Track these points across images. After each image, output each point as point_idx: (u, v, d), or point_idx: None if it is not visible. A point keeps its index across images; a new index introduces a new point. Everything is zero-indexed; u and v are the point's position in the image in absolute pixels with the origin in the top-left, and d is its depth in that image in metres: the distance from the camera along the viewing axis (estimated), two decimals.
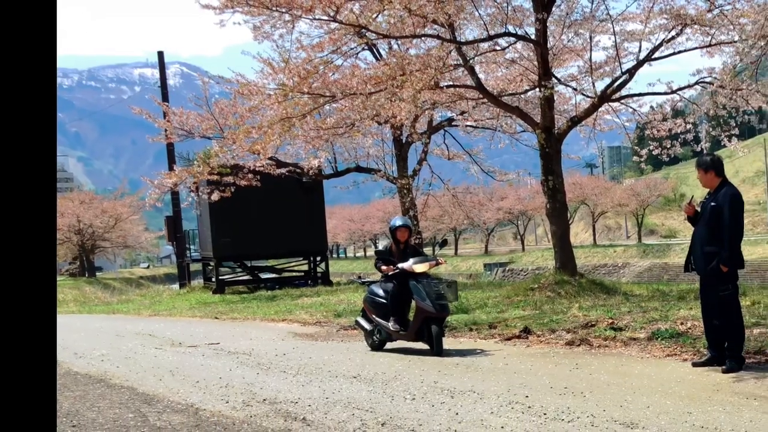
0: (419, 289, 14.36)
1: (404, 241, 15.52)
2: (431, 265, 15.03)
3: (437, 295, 14.28)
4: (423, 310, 14.26)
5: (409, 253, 15.30)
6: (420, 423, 8.86)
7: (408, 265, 14.67)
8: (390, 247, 15.67)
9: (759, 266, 62.39)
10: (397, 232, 15.53)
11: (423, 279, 14.60)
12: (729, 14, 20.61)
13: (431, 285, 14.50)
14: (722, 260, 10.84)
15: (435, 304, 14.13)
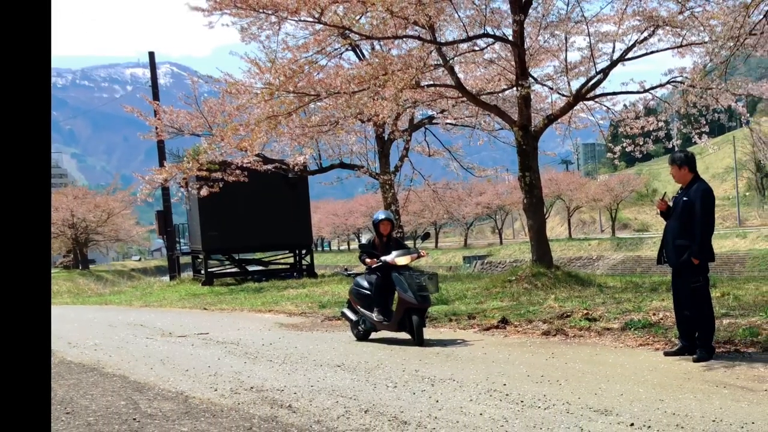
0: (401, 281, 14.29)
1: (387, 234, 15.51)
2: (413, 258, 14.94)
3: (418, 286, 14.21)
4: (405, 302, 14.19)
5: (392, 246, 15.29)
6: (401, 410, 8.88)
7: (391, 257, 14.63)
8: (373, 241, 15.66)
9: (728, 259, 62.55)
10: (380, 225, 15.48)
11: (405, 271, 14.53)
12: (699, 16, 20.71)
13: (413, 277, 14.40)
14: (693, 253, 10.90)
15: (416, 295, 14.08)
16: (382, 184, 34.35)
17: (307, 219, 44.12)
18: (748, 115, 24.55)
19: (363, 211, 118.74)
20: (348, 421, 8.48)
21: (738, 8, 17.14)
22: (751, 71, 39.75)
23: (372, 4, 18.93)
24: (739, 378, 9.70)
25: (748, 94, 23.80)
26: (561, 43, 24.31)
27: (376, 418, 8.54)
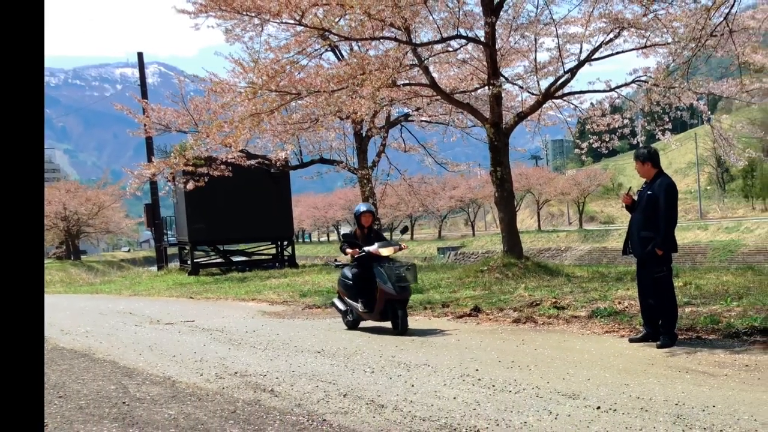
0: (381, 272, 14.04)
1: (368, 226, 15.33)
2: (395, 250, 14.71)
3: (398, 277, 13.94)
4: (384, 293, 13.95)
5: (373, 237, 15.10)
6: (379, 394, 8.90)
7: (374, 248, 14.41)
8: (355, 232, 15.51)
9: (690, 250, 62.83)
10: (362, 217, 15.27)
11: (386, 262, 14.29)
12: (663, 18, 20.80)
13: (392, 268, 14.13)
14: (657, 244, 10.95)
15: (395, 286, 13.86)
16: (360, 179, 34.84)
17: (289, 212, 44.34)
18: (709, 113, 24.61)
19: (342, 205, 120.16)
20: (327, 404, 8.50)
21: (699, 11, 17.17)
22: (712, 71, 39.82)
23: (350, 7, 18.99)
24: (700, 363, 9.73)
25: (709, 92, 23.81)
26: (531, 44, 24.37)
27: (354, 402, 8.56)
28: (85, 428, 7.91)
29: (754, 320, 11.63)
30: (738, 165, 30.09)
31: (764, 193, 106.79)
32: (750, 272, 19.77)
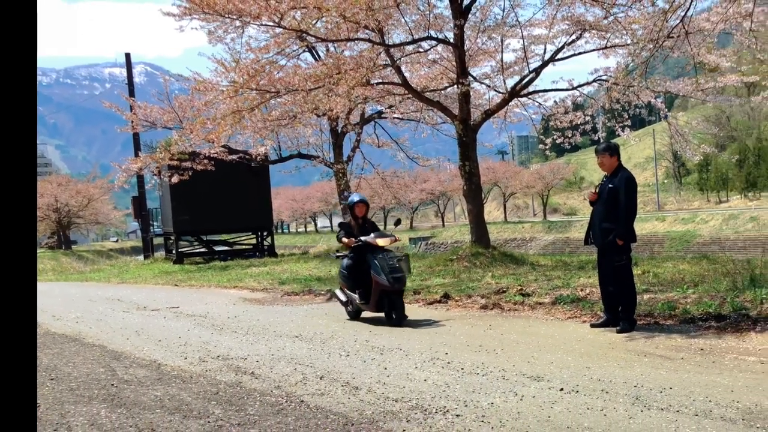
0: (376, 263, 13.34)
1: (362, 216, 14.55)
2: (391, 241, 13.94)
3: (392, 269, 13.22)
4: (379, 284, 13.24)
5: (368, 228, 14.42)
6: (353, 376, 8.92)
7: (371, 238, 13.75)
8: (349, 222, 14.57)
9: (649, 240, 62.94)
10: (356, 207, 14.48)
11: (380, 253, 13.55)
12: (622, 20, 20.91)
13: (386, 259, 13.42)
14: (618, 235, 10.99)
15: (389, 278, 13.08)
16: (336, 173, 34.99)
17: (268, 204, 44.80)
18: (666, 110, 24.72)
19: (319, 197, 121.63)
20: (305, 386, 8.51)
21: (657, 14, 17.19)
22: (669, 70, 40.10)
23: (327, 10, 19.22)
24: (658, 347, 9.75)
25: (666, 91, 23.99)
26: (497, 45, 24.50)
27: (330, 384, 8.57)
28: (75, 409, 7.92)
29: (709, 306, 11.67)
30: (693, 159, 30.29)
31: (718, 186, 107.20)
32: (705, 261, 19.86)
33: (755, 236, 59.33)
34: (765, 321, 10.40)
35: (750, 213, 67.26)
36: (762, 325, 10.28)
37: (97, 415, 7.64)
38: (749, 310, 11.07)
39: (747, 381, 7.77)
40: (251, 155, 33.35)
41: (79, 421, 7.42)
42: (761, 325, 10.31)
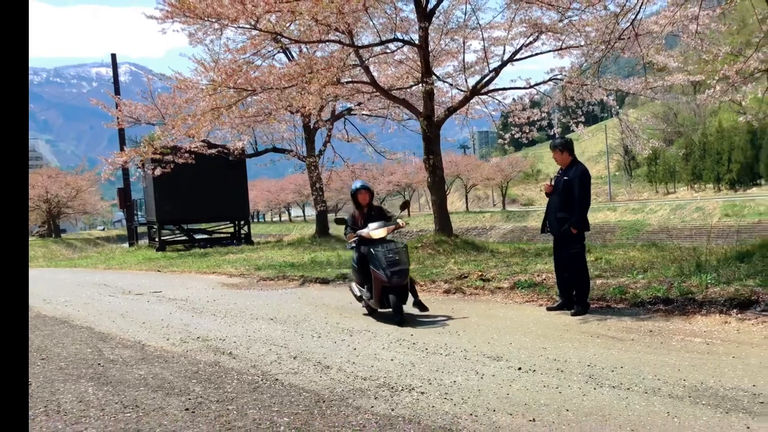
0: (374, 256, 11.71)
1: (367, 204, 12.59)
2: (390, 230, 12.17)
3: (389, 262, 11.55)
4: (378, 280, 11.63)
5: (375, 216, 12.48)
6: (325, 356, 8.97)
7: (365, 231, 12.06)
8: (353, 214, 12.73)
9: (601, 229, 62.97)
10: (358, 195, 12.59)
11: (379, 245, 11.82)
12: (577, 23, 20.98)
13: (384, 252, 11.69)
14: (572, 224, 11.06)
15: (386, 272, 11.47)
16: (309, 166, 35.98)
17: (245, 195, 44.93)
18: (617, 107, 24.85)
19: (292, 189, 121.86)
20: (280, 365, 8.55)
21: (609, 17, 17.30)
22: (620, 70, 40.46)
23: (300, 14, 19.29)
24: (610, 329, 9.82)
25: (618, 89, 24.19)
26: (459, 47, 24.57)
27: (303, 363, 8.61)
28: (64, 387, 7.93)
29: (658, 291, 11.70)
30: (643, 153, 30.56)
31: (666, 178, 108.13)
32: (654, 248, 19.93)
33: (701, 225, 59.61)
34: (710, 304, 10.46)
35: (696, 204, 67.58)
36: (707, 309, 10.34)
37: (85, 392, 7.65)
38: (695, 295, 11.11)
39: (693, 361, 7.82)
40: (229, 149, 33.71)
41: (67, 398, 7.43)
42: (706, 308, 10.37)
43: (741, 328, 9.33)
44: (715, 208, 63.32)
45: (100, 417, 6.68)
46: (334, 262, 22.12)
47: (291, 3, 19.50)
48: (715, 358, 7.87)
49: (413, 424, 6.11)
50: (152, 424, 6.32)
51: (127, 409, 6.91)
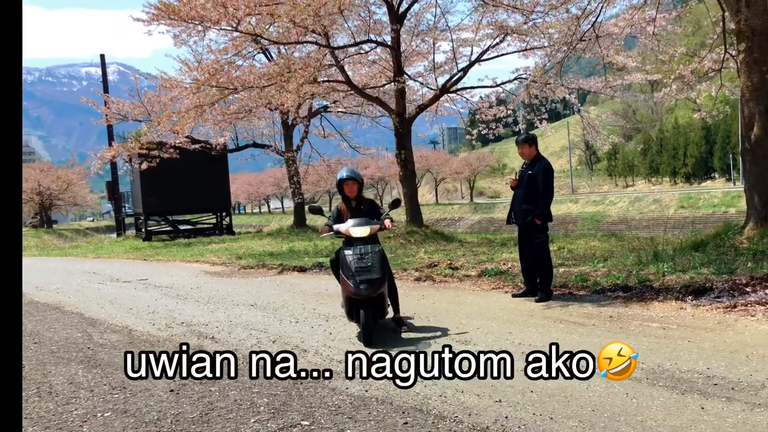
0: (343, 260, 9.22)
1: (355, 197, 9.88)
2: (374, 230, 9.53)
3: (360, 268, 8.98)
4: (345, 289, 9.12)
5: (364, 211, 9.84)
6: (302, 340, 9.00)
7: (345, 227, 9.49)
8: (339, 208, 9.99)
9: (564, 220, 63.11)
10: (345, 186, 9.87)
11: (354, 246, 9.24)
12: (540, 26, 21.17)
13: (356, 256, 9.12)
14: (536, 215, 11.08)
15: (356, 280, 8.91)
16: (287, 160, 36.52)
17: (227, 187, 45.49)
18: (579, 105, 25.12)
19: (271, 182, 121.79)
20: (259, 349, 8.49)
21: (571, 20, 17.40)
22: (582, 69, 40.69)
23: (279, 16, 19.51)
24: (572, 315, 9.85)
25: (579, 88, 24.50)
26: (430, 48, 24.87)
27: (282, 347, 8.58)
28: (56, 369, 7.96)
29: (617, 279, 11.76)
30: (603, 148, 30.85)
31: (625, 172, 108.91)
32: (613, 239, 20.12)
33: (658, 216, 59.78)
34: (666, 292, 10.52)
35: (653, 196, 67.85)
36: (664, 296, 10.39)
37: (75, 374, 7.68)
38: (652, 282, 11.18)
39: (650, 345, 7.86)
40: (212, 145, 34.45)
41: (59, 380, 7.47)
42: (663, 295, 10.42)
43: (696, 314, 9.36)
44: (672, 200, 63.64)
45: (89, 398, 6.70)
46: (310, 252, 22.26)
47: (270, 6, 19.71)
48: (672, 343, 7.91)
49: (386, 404, 6.13)
50: (139, 405, 6.33)
51: (115, 390, 6.92)
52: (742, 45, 13.58)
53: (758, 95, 13.44)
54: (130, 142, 31.29)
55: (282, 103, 23.91)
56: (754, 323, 8.65)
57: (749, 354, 7.23)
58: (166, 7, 21.58)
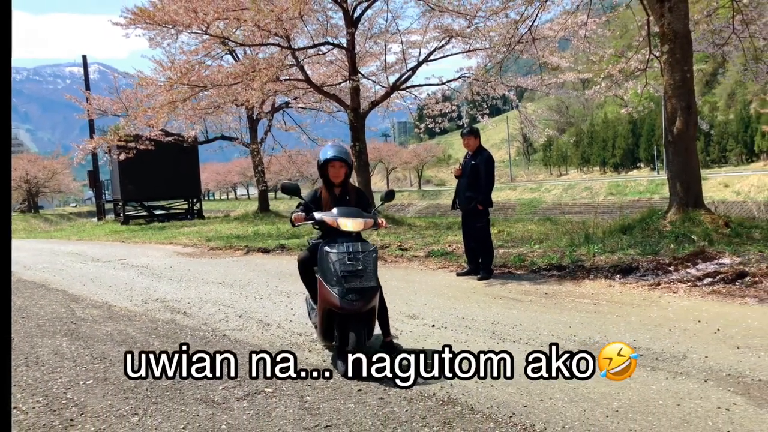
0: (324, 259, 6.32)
1: (341, 183, 7.05)
2: (367, 225, 6.76)
3: (348, 271, 6.17)
4: (326, 299, 6.23)
5: (351, 201, 7.07)
6: (266, 315, 9.00)
7: (331, 217, 6.59)
8: (319, 192, 7.11)
9: (503, 206, 62.88)
10: (329, 168, 6.97)
11: (340, 242, 6.38)
12: (482, 29, 21.32)
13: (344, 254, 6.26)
14: (479, 201, 11.18)
15: (340, 287, 6.12)
16: (252, 151, 37.39)
17: (197, 176, 46.02)
18: (517, 101, 25.21)
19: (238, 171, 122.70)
20: (227, 323, 8.57)
21: (510, 24, 17.49)
22: (520, 69, 41.03)
23: (244, 21, 19.83)
24: (511, 292, 9.90)
25: (517, 85, 24.65)
26: (382, 49, 24.86)
27: (247, 321, 8.65)
28: (42, 342, 7.93)
29: (552, 259, 11.83)
30: (539, 141, 31.14)
31: (559, 162, 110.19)
32: (548, 223, 20.30)
33: (588, 202, 60.02)
34: (597, 271, 10.60)
35: (585, 184, 68.35)
36: (594, 274, 10.49)
37: (60, 346, 7.66)
38: (584, 262, 11.26)
39: (582, 319, 7.93)
40: (183, 137, 34.77)
41: (45, 351, 7.44)
42: (593, 274, 10.51)
43: (623, 291, 9.46)
44: (601, 187, 64.28)
45: (72, 367, 6.68)
46: (273, 234, 22.32)
47: (237, 11, 19.93)
48: (601, 317, 7.98)
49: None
50: (117, 374, 6.32)
51: (96, 360, 6.91)
52: (666, 46, 13.71)
53: (680, 92, 13.58)
54: (110, 135, 31.57)
55: (247, 100, 24.24)
56: (676, 299, 8.76)
57: (671, 327, 7.31)
58: (142, 13, 21.91)
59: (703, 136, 77.17)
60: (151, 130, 28.00)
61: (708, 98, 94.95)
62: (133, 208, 45.40)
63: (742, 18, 16.07)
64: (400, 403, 5.22)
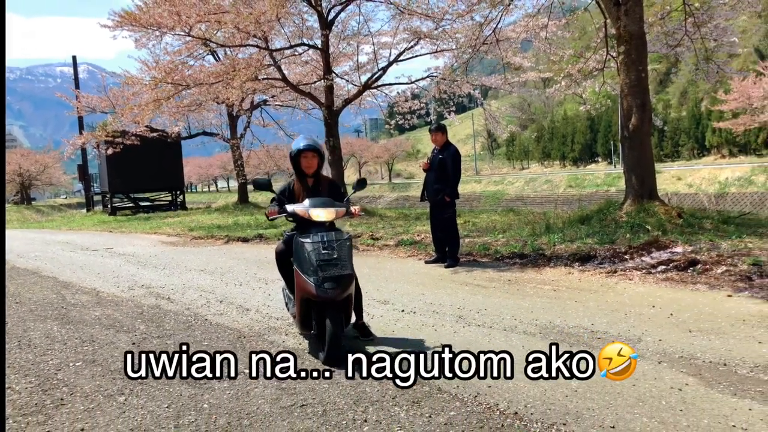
0: (300, 249, 6.10)
1: (313, 173, 6.88)
2: (339, 214, 6.54)
3: (323, 260, 5.92)
4: (303, 288, 6.01)
5: (324, 192, 6.80)
6: (245, 300, 9.02)
7: (302, 208, 6.43)
8: (291, 185, 7.03)
9: (469, 197, 63.43)
10: (302, 158, 6.83)
11: (313, 233, 6.14)
12: (449, 31, 21.27)
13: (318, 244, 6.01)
14: (446, 193, 11.22)
15: (316, 276, 5.88)
16: (232, 146, 37.98)
17: (180, 170, 46.33)
18: (482, 99, 25.33)
19: (219, 165, 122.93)
20: (208, 308, 8.58)
21: (475, 26, 17.55)
22: (485, 68, 41.22)
23: (225, 23, 19.83)
24: (476, 279, 9.95)
25: (482, 84, 24.65)
26: (354, 50, 24.99)
27: (227, 306, 8.66)
28: (34, 326, 7.93)
29: (515, 248, 11.86)
30: (503, 136, 31.19)
31: (521, 156, 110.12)
32: (511, 213, 20.35)
33: (549, 194, 60.41)
34: (557, 259, 10.65)
35: (545, 177, 68.75)
36: (554, 262, 10.53)
37: (51, 330, 7.67)
38: (545, 251, 11.30)
39: (543, 304, 7.95)
40: (168, 133, 34.52)
41: (37, 334, 7.45)
42: (554, 261, 10.56)
43: (582, 278, 9.51)
44: (561, 180, 64.57)
45: (63, 350, 6.70)
46: (252, 225, 22.34)
47: (218, 14, 19.98)
48: (561, 302, 8.01)
49: (305, 353, 6.24)
50: (105, 356, 6.36)
51: (85, 343, 6.93)
52: (622, 47, 13.77)
53: (635, 91, 13.65)
54: (98, 131, 31.40)
55: (228, 98, 24.14)
56: (632, 285, 8.80)
57: (627, 312, 7.34)
58: (129, 15, 21.98)
59: (657, 132, 77.54)
60: (137, 126, 28.55)
61: (662, 96, 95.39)
62: (120, 200, 45.63)
63: (694, 20, 16.13)
64: (372, 383, 5.23)
